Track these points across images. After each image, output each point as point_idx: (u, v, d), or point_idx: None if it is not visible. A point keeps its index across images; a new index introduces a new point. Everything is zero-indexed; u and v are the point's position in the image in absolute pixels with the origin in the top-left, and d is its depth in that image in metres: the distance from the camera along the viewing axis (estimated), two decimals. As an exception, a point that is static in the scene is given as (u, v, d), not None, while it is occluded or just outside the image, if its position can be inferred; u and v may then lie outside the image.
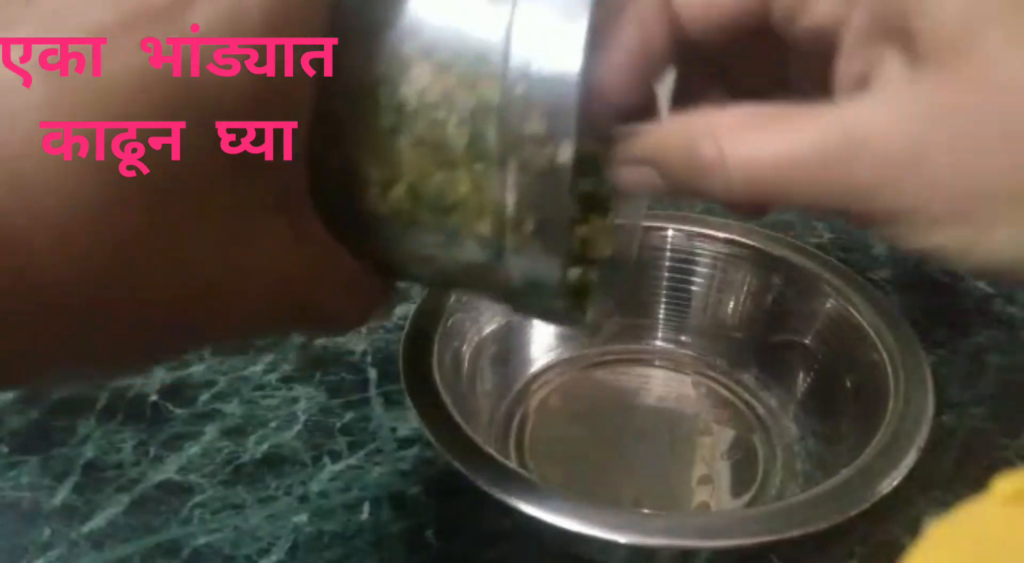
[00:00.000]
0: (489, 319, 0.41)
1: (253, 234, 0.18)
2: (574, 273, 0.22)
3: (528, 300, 0.21)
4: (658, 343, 0.44)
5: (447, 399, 0.33)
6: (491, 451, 0.31)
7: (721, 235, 0.43)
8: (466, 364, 0.39)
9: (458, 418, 0.32)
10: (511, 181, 0.19)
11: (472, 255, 0.20)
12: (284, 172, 0.18)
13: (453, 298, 0.39)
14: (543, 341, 0.43)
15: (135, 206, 0.16)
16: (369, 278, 0.21)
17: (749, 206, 0.20)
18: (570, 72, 0.18)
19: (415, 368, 0.35)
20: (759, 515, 0.31)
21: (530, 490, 0.29)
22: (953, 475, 0.36)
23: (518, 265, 0.20)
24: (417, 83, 0.19)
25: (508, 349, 0.42)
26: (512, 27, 0.18)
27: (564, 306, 0.21)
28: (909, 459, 0.31)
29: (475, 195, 0.19)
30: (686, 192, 0.19)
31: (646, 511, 0.35)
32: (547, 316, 0.23)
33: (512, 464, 0.35)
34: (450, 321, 0.38)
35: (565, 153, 0.18)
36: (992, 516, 0.15)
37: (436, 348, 0.36)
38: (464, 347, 0.39)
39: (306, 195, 0.19)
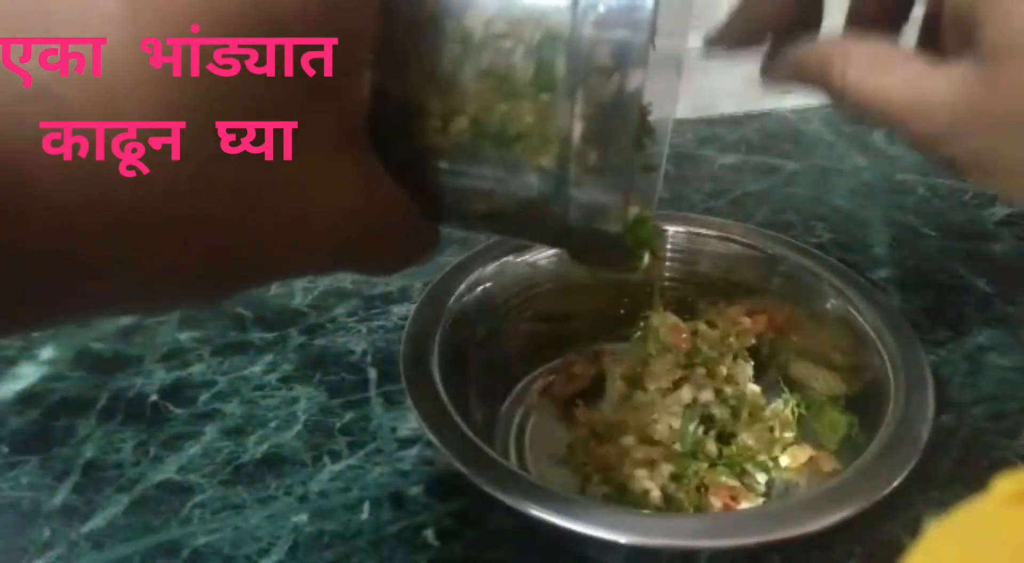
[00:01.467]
0: (490, 319, 0.41)
1: (317, 173, 0.18)
2: (634, 210, 0.21)
3: (585, 237, 0.21)
4: (658, 343, 0.44)
5: (447, 399, 0.33)
6: (491, 451, 0.31)
7: (721, 235, 0.43)
8: (466, 364, 0.39)
9: (458, 418, 0.32)
10: (578, 111, 0.18)
11: (532, 189, 0.20)
12: (347, 112, 0.19)
13: (453, 298, 0.39)
14: (543, 341, 0.43)
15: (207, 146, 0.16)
16: (419, 216, 0.22)
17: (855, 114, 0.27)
18: (643, 2, 0.18)
19: (415, 368, 0.35)
20: (760, 515, 0.31)
21: (530, 490, 0.29)
22: (953, 475, 0.36)
23: (579, 198, 0.20)
24: (483, 13, 0.19)
25: (508, 349, 0.42)
26: None
27: (624, 242, 0.21)
28: (909, 459, 0.31)
29: (539, 126, 0.19)
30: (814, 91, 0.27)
31: (647, 511, 0.35)
32: (604, 256, 0.23)
33: (512, 464, 0.35)
34: (450, 321, 0.38)
35: (634, 83, 0.18)
36: (992, 516, 0.15)
37: (436, 348, 0.36)
38: (464, 347, 0.39)
39: (366, 135, 0.19)
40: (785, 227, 0.56)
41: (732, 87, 0.73)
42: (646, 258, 0.23)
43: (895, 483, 0.30)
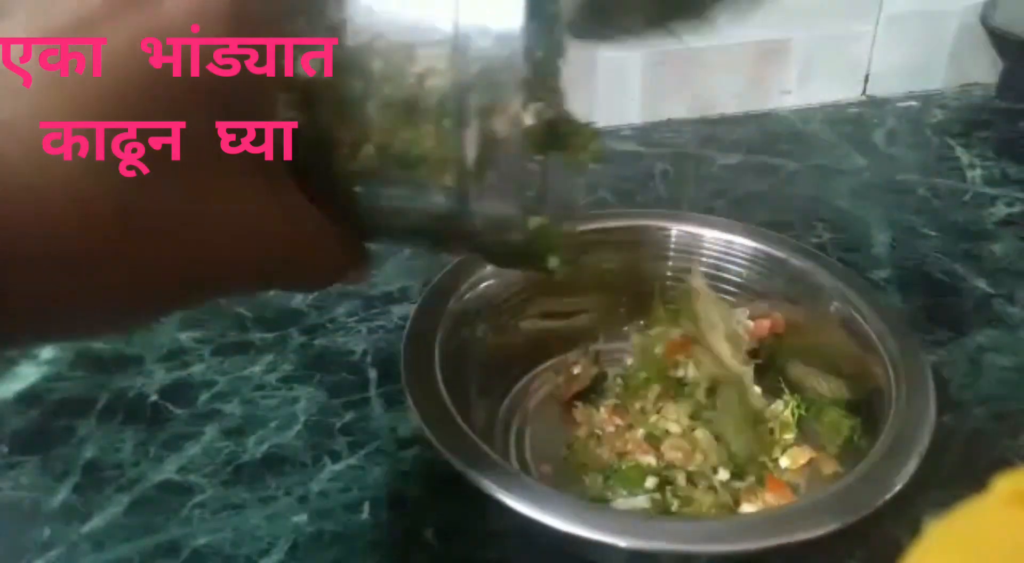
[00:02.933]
0: (490, 318, 0.41)
1: (233, 194, 0.19)
2: (535, 220, 0.23)
3: (495, 246, 0.23)
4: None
5: (447, 399, 0.33)
6: (491, 451, 0.31)
7: (723, 236, 0.43)
8: (466, 364, 0.39)
9: (458, 418, 0.32)
10: (470, 136, 0.21)
11: (439, 205, 0.22)
12: (262, 144, 0.20)
13: (453, 299, 0.39)
14: (543, 341, 0.43)
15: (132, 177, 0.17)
16: (342, 236, 0.23)
17: None
18: (513, 34, 0.20)
19: (415, 368, 0.35)
20: (760, 520, 0.31)
21: (530, 492, 0.29)
22: (953, 475, 0.36)
23: (481, 212, 0.22)
24: (381, 54, 0.21)
25: (508, 349, 0.42)
26: (459, 1, 0.20)
27: (530, 249, 0.23)
28: (911, 465, 0.30)
29: (438, 149, 0.21)
30: None
31: (647, 515, 0.35)
32: (514, 262, 0.25)
33: (512, 464, 0.35)
34: (450, 321, 0.38)
35: (515, 105, 0.20)
36: (992, 516, 0.15)
37: (436, 348, 0.36)
38: (464, 347, 0.39)
39: (281, 160, 0.21)
40: (785, 227, 0.56)
41: (732, 87, 0.73)
42: (552, 261, 0.25)
43: (896, 489, 0.30)
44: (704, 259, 0.44)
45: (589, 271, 0.44)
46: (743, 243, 0.43)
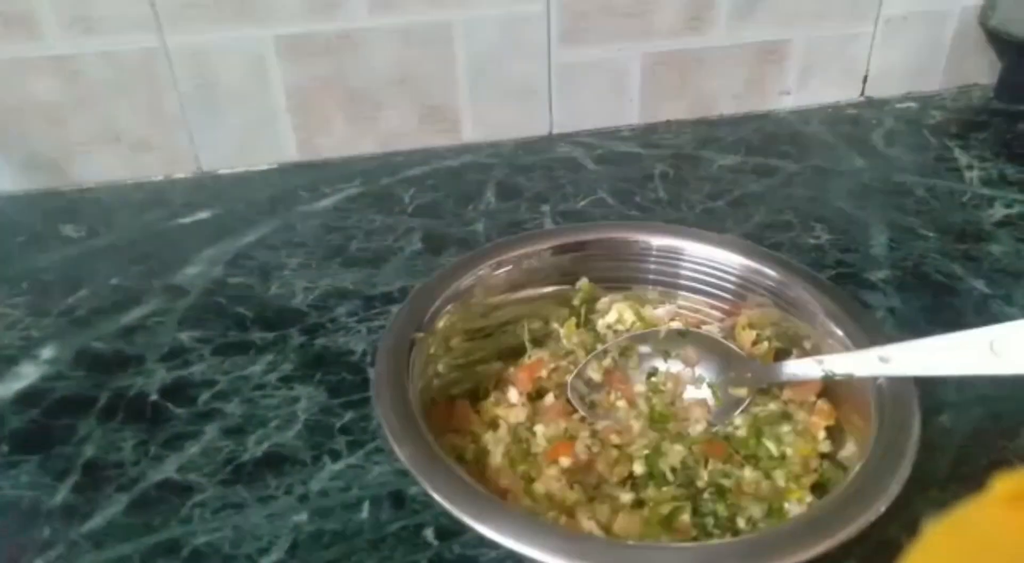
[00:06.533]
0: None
1: None
2: None
3: None
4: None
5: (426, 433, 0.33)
6: (473, 482, 0.31)
7: (712, 248, 0.44)
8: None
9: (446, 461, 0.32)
10: None
11: None
12: None
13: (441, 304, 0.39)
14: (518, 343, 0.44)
15: None
16: None
17: None
18: None
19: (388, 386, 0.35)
20: (754, 541, 0.30)
21: (525, 528, 0.29)
22: (952, 475, 0.36)
23: None
24: None
25: (483, 352, 0.42)
26: None
27: None
28: (904, 469, 0.30)
29: None
30: None
31: (642, 542, 0.34)
32: None
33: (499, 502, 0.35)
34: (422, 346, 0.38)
35: None
36: (991, 516, 0.15)
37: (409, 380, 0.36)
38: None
39: None
40: (784, 228, 0.56)
41: (732, 87, 0.73)
42: None
43: (894, 495, 0.30)
44: (683, 272, 0.44)
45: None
46: (724, 256, 0.43)
